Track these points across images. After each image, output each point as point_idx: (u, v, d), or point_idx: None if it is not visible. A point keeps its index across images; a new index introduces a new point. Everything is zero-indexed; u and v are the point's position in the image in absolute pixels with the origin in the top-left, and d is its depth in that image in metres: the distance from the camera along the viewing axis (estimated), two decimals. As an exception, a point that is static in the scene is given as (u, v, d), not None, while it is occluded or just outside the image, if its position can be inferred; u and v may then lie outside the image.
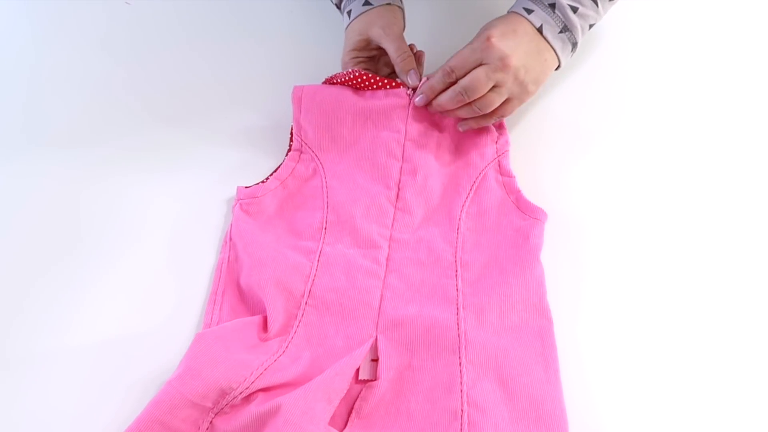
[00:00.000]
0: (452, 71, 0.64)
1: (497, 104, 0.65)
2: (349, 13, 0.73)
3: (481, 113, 0.65)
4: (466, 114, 0.66)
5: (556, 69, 0.69)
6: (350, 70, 0.70)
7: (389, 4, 0.72)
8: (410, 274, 0.61)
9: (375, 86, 0.70)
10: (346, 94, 0.71)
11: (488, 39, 0.63)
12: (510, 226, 0.63)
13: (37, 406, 0.56)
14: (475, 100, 0.64)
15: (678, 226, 0.66)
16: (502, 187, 0.67)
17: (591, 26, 0.68)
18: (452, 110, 0.66)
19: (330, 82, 0.72)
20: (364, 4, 0.71)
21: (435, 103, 0.67)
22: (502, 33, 0.63)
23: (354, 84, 0.71)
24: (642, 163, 0.71)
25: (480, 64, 0.63)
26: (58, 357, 0.58)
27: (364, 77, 0.70)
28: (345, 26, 0.73)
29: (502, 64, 0.62)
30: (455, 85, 0.64)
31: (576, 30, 0.66)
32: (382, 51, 0.72)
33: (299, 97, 0.72)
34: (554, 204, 0.65)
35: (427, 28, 0.82)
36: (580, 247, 0.64)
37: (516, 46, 0.63)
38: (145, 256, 0.65)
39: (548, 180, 0.69)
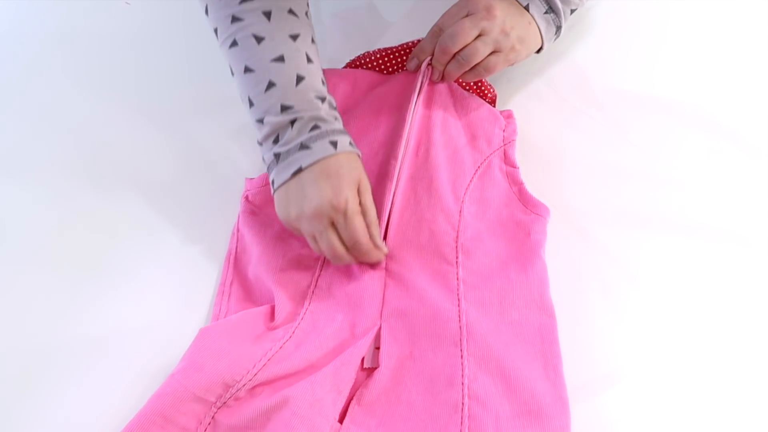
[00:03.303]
0: (440, 29, 0.65)
1: (483, 54, 0.64)
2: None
3: (467, 65, 0.64)
4: (455, 70, 0.65)
5: (538, 51, 0.68)
6: (378, 49, 0.71)
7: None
8: (411, 260, 0.60)
9: (398, 66, 0.71)
10: (365, 79, 0.71)
11: None
12: (511, 219, 0.63)
13: (41, 399, 0.57)
14: (460, 51, 0.63)
15: (682, 221, 0.65)
16: (505, 177, 0.66)
17: (572, 11, 0.69)
18: (444, 71, 0.66)
19: (353, 65, 0.72)
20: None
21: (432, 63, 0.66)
22: None
23: (380, 65, 0.71)
24: (646, 158, 0.69)
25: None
26: (63, 349, 0.59)
27: (391, 56, 0.70)
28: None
29: (488, 13, 0.62)
30: (441, 37, 0.64)
31: (560, 13, 0.66)
32: None
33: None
34: (557, 199, 0.64)
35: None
36: (583, 243, 0.64)
37: (500, 3, 0.64)
38: (157, 248, 0.65)
39: (551, 174, 0.68)
